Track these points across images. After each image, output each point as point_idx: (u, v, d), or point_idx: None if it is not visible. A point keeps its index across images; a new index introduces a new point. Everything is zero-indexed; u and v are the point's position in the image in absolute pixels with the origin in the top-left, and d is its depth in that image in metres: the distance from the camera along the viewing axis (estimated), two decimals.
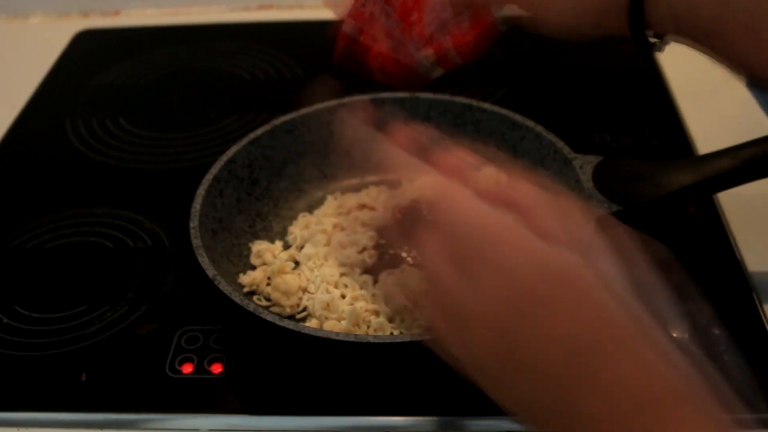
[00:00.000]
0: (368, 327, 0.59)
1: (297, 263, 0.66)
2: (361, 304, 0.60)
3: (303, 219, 0.70)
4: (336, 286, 0.62)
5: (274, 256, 0.66)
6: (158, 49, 1.03)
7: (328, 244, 0.66)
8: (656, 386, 0.33)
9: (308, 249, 0.66)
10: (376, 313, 0.59)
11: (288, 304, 0.62)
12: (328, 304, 0.60)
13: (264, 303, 0.63)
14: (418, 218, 0.60)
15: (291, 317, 0.62)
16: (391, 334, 0.58)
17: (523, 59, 0.95)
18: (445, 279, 0.38)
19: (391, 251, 0.63)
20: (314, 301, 0.61)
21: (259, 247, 0.66)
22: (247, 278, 0.64)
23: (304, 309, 0.62)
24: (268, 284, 0.64)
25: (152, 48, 1.03)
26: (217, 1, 1.12)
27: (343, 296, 0.61)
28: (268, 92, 0.93)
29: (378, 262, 0.63)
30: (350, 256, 0.63)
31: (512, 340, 0.35)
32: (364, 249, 0.64)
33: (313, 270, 0.64)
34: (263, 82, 0.95)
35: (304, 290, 0.63)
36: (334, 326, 0.58)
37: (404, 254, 0.62)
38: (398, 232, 0.50)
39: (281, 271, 0.64)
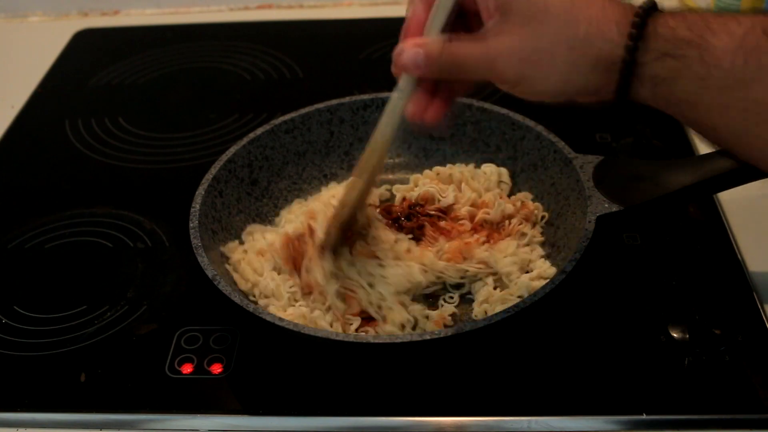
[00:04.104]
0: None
1: None
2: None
3: (297, 204, 0.71)
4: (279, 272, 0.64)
5: (264, 238, 0.67)
6: (158, 48, 1.03)
7: None
8: None
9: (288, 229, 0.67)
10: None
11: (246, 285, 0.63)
12: (273, 292, 0.62)
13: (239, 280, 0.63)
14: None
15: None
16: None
17: None
18: None
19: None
20: (262, 286, 0.63)
21: (252, 228, 0.68)
22: (228, 248, 0.65)
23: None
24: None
25: (152, 48, 1.03)
26: (217, 1, 1.12)
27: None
28: (268, 92, 0.93)
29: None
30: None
31: None
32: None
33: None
34: (263, 82, 0.95)
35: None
36: (277, 312, 0.59)
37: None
38: None
39: (260, 253, 0.65)
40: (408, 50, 0.52)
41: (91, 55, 1.03)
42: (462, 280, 0.63)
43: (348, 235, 0.62)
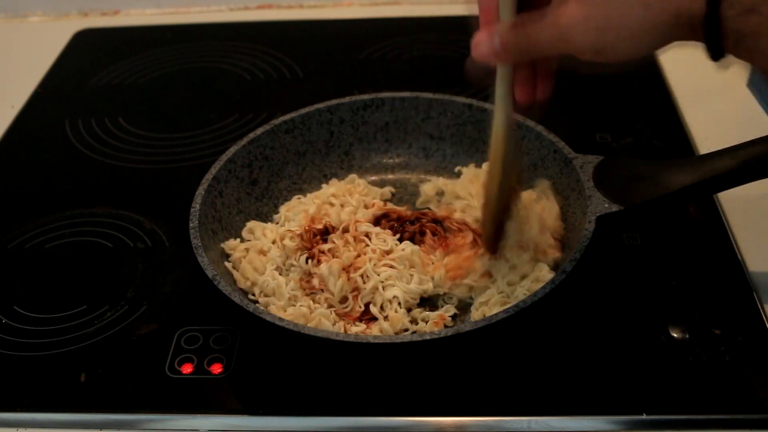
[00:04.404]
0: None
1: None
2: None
3: (296, 201, 0.71)
4: (281, 273, 0.64)
5: (264, 234, 0.67)
6: (158, 48, 1.03)
7: None
8: None
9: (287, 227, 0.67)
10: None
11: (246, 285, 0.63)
12: (273, 290, 0.62)
13: (241, 280, 0.63)
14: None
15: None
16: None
17: None
18: None
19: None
20: (262, 284, 0.63)
21: (252, 225, 0.68)
22: (229, 245, 0.65)
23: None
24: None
25: (152, 48, 1.03)
26: (217, 1, 1.12)
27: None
28: (268, 92, 0.93)
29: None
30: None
31: None
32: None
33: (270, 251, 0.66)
34: (263, 82, 0.95)
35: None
36: (277, 312, 0.59)
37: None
38: None
39: (261, 252, 0.65)
40: (483, 41, 0.51)
41: (91, 55, 1.03)
42: (469, 293, 0.63)
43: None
